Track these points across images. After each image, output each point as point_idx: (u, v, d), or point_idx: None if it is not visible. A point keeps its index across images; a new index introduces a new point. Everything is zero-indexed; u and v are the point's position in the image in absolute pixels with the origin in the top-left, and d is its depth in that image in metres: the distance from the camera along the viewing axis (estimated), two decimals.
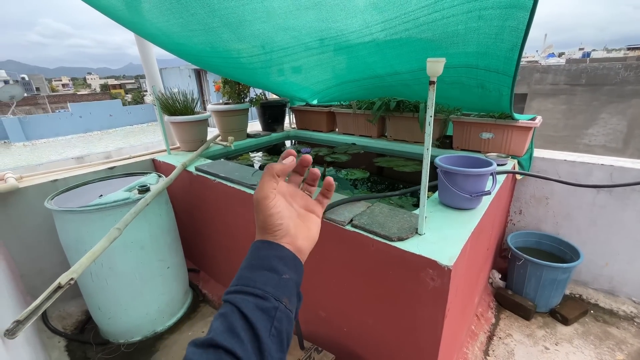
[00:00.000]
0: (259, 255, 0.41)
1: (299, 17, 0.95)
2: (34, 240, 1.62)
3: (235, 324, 0.35)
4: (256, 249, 0.43)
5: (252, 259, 0.41)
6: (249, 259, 0.42)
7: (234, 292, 0.38)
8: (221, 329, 0.34)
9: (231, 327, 0.34)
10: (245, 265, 0.41)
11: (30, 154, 10.52)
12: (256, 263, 0.41)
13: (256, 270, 0.40)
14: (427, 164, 0.85)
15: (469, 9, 0.83)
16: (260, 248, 0.43)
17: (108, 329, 1.54)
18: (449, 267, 0.79)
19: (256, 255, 0.42)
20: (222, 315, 0.36)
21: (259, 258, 0.41)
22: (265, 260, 0.41)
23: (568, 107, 9.31)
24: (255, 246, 0.43)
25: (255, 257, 0.41)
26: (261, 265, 0.40)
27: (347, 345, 1.18)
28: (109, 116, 14.06)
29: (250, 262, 0.41)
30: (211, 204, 1.65)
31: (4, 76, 48.75)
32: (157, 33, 1.34)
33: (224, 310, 0.36)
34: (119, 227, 1.08)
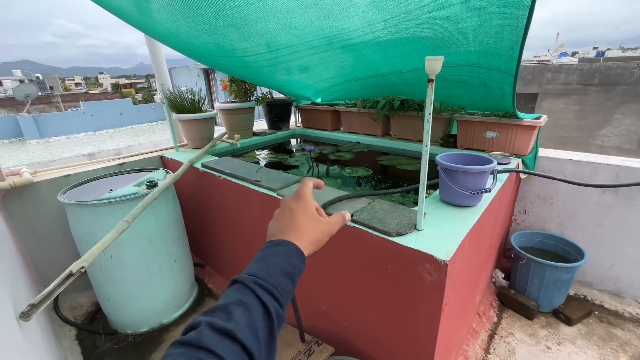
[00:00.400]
0: (290, 262, 0.45)
1: (301, 16, 0.98)
2: (47, 232, 1.68)
3: (257, 324, 0.35)
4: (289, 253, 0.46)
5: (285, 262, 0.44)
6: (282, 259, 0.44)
7: (264, 288, 0.39)
8: (243, 323, 0.34)
9: (253, 324, 0.35)
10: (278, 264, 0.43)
11: (44, 151, 10.80)
12: (286, 269, 0.44)
13: (284, 275, 0.43)
14: (426, 161, 0.87)
15: (469, 7, 0.85)
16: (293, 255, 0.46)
17: (116, 319, 1.59)
18: (445, 261, 0.81)
19: (288, 260, 0.45)
20: (245, 307, 0.36)
21: (290, 265, 0.44)
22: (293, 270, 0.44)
23: (580, 108, 9.13)
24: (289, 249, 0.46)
25: (287, 262, 0.44)
26: (288, 273, 0.43)
27: (347, 338, 1.20)
28: (120, 115, 14.32)
29: (282, 265, 0.44)
30: (217, 199, 1.68)
31: (20, 75, 50.01)
32: (166, 33, 1.38)
33: (247, 300, 0.37)
34: (127, 220, 1.12)
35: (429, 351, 0.94)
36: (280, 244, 0.47)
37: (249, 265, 0.44)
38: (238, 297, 0.37)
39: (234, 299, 0.36)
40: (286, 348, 1.21)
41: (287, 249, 0.46)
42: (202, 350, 0.30)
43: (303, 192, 0.55)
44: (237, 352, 0.32)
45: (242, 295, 0.37)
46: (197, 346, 0.31)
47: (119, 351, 1.52)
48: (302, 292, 1.28)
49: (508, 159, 1.52)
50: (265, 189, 1.32)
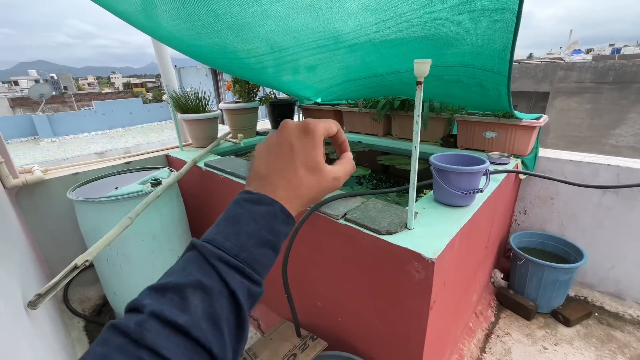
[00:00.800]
0: (272, 228, 0.34)
1: (297, 20, 1.01)
2: (57, 227, 1.75)
3: (220, 314, 0.28)
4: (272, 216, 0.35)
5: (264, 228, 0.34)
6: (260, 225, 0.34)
7: (232, 266, 0.31)
8: (201, 315, 0.27)
9: (214, 314, 0.28)
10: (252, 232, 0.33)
11: (57, 150, 11.08)
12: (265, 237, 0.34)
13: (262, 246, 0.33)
14: (416, 161, 0.89)
15: (458, 11, 0.86)
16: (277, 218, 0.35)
17: (122, 312, 1.64)
18: (432, 260, 0.83)
19: (270, 225, 0.34)
20: (206, 292, 0.28)
21: (271, 231, 0.34)
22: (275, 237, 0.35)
23: (594, 106, 8.92)
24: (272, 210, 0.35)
25: (268, 229, 0.34)
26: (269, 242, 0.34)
27: (342, 334, 1.23)
28: (130, 114, 14.60)
29: (259, 233, 0.34)
30: (219, 198, 1.73)
31: (35, 75, 51.35)
32: (169, 36, 1.43)
33: (209, 282, 0.29)
34: (131, 217, 1.17)
35: (418, 347, 0.96)
36: (261, 202, 0.35)
37: (216, 224, 0.34)
38: (197, 277, 0.29)
39: (192, 279, 0.29)
40: (283, 342, 1.25)
41: (269, 210, 0.35)
42: (144, 350, 0.24)
43: (315, 127, 0.38)
44: (190, 349, 0.26)
45: (202, 275, 0.29)
46: (137, 343, 0.25)
47: None
48: (299, 288, 1.31)
49: (507, 159, 1.52)
50: None
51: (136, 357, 0.24)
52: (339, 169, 0.42)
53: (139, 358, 0.24)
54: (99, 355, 0.24)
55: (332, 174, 0.40)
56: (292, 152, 0.38)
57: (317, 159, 0.38)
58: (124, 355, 0.24)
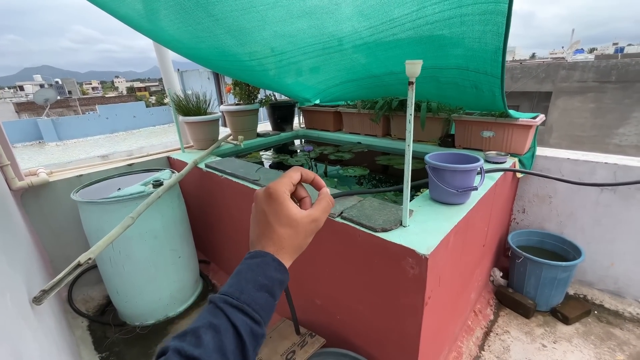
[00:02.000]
0: (266, 274, 0.41)
1: (293, 25, 1.03)
2: (61, 228, 1.79)
3: (227, 346, 0.34)
4: (265, 265, 0.42)
5: (259, 274, 0.41)
6: (256, 272, 0.41)
7: (234, 306, 0.37)
8: (212, 348, 0.33)
9: (223, 348, 0.34)
10: (250, 278, 0.40)
11: (62, 153, 11.19)
12: (261, 282, 0.40)
13: (259, 290, 0.40)
14: (409, 160, 0.91)
15: (450, 15, 0.88)
16: (270, 266, 0.42)
17: (125, 311, 1.68)
18: (426, 255, 0.84)
19: (264, 272, 0.41)
20: (215, 330, 0.34)
21: (265, 277, 0.41)
22: (270, 282, 0.41)
23: (597, 106, 8.87)
24: (264, 260, 0.42)
25: (263, 275, 0.41)
26: (264, 286, 0.40)
27: (340, 331, 1.24)
28: (133, 117, 14.72)
29: (256, 278, 0.40)
30: (219, 199, 1.75)
31: (40, 80, 51.96)
32: (170, 39, 1.46)
33: (217, 322, 0.35)
34: (133, 216, 1.20)
35: (414, 343, 0.97)
36: (256, 256, 0.43)
37: (226, 284, 0.41)
38: (208, 319, 0.36)
39: (204, 321, 0.35)
40: (282, 340, 1.27)
41: (262, 260, 0.42)
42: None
43: (275, 190, 0.45)
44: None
45: (213, 317, 0.36)
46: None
47: (127, 342, 1.61)
48: (298, 286, 1.33)
49: (503, 157, 1.54)
50: None
51: None
52: (315, 211, 0.47)
53: None
54: None
55: (310, 218, 0.46)
56: (266, 217, 0.45)
57: (287, 213, 0.45)
58: None
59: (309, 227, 0.46)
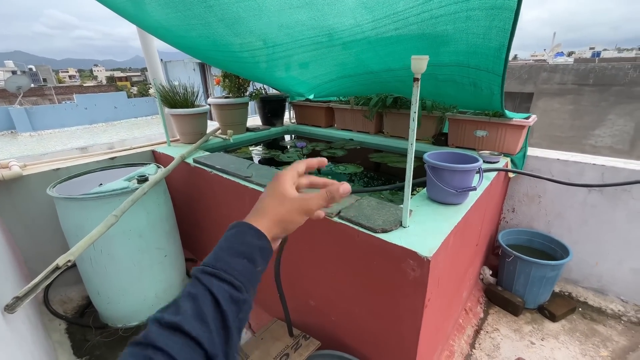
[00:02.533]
0: (243, 241, 0.42)
1: (291, 15, 0.98)
2: (36, 226, 1.67)
3: (206, 312, 0.34)
4: (242, 233, 0.43)
5: (236, 242, 0.41)
6: (232, 241, 0.42)
7: (210, 274, 0.38)
8: (190, 314, 0.33)
9: (201, 314, 0.34)
10: (226, 247, 0.41)
11: (36, 144, 10.64)
12: (238, 249, 0.41)
13: (236, 256, 0.40)
14: (411, 159, 0.88)
15: (456, 9, 0.85)
16: (247, 233, 0.43)
17: (107, 313, 1.60)
18: (428, 258, 0.82)
19: (241, 240, 0.42)
20: (193, 298, 0.35)
21: (242, 244, 0.41)
22: (248, 249, 0.41)
23: (575, 108, 9.20)
24: (241, 229, 0.43)
25: (239, 242, 0.42)
26: (242, 253, 0.41)
27: (335, 333, 1.22)
28: (114, 108, 14.15)
29: (232, 245, 0.41)
30: (208, 195, 1.69)
31: (12, 67, 49.17)
32: (157, 26, 1.37)
33: (195, 290, 0.36)
34: (116, 214, 1.12)
35: (412, 346, 0.96)
36: (233, 227, 0.44)
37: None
38: (187, 289, 0.37)
39: (184, 292, 0.36)
40: (274, 342, 1.23)
41: (239, 230, 0.43)
42: (150, 348, 0.30)
43: (280, 173, 0.49)
44: (185, 344, 0.32)
45: (191, 287, 0.37)
46: (143, 344, 0.31)
47: (109, 345, 1.53)
48: (292, 287, 1.29)
49: (497, 157, 1.54)
50: (256, 185, 1.33)
51: (143, 356, 0.30)
52: (308, 196, 0.48)
53: (145, 356, 0.30)
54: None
55: (300, 197, 0.48)
56: (265, 193, 0.49)
57: (281, 189, 0.48)
58: (135, 357, 0.30)
59: (296, 203, 0.47)
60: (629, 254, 1.58)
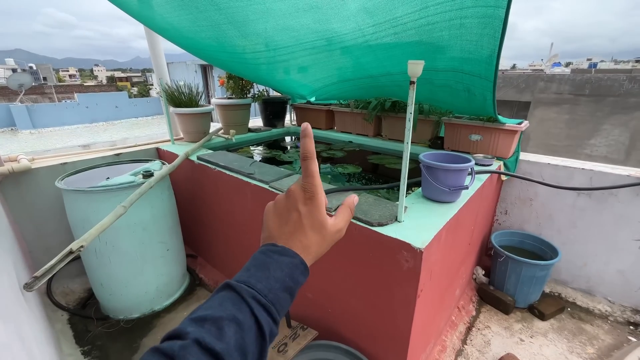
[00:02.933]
0: (292, 276, 0.39)
1: (297, 19, 1.04)
2: (43, 218, 1.72)
3: (248, 346, 0.32)
4: (294, 267, 0.40)
5: (287, 276, 0.39)
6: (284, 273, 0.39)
7: (262, 304, 0.35)
8: (234, 345, 0.31)
9: (244, 347, 0.32)
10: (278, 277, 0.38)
11: (37, 142, 10.66)
12: (288, 284, 0.39)
13: (285, 291, 0.38)
14: (407, 157, 0.94)
15: (451, 17, 0.92)
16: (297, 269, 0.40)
17: (109, 305, 1.64)
18: (421, 249, 0.88)
19: (291, 274, 0.39)
20: (239, 325, 0.32)
21: (292, 279, 0.39)
22: (294, 286, 0.40)
23: (571, 117, 9.34)
24: (294, 262, 0.41)
25: (290, 277, 0.39)
26: (289, 289, 0.39)
27: (332, 324, 1.26)
28: (115, 108, 14.21)
29: (284, 279, 0.39)
30: (211, 192, 1.74)
31: (13, 64, 49.21)
32: (167, 27, 1.43)
33: (242, 317, 0.33)
34: (125, 205, 1.17)
35: (405, 334, 1.01)
36: (286, 254, 0.41)
37: (247, 270, 0.39)
38: (232, 311, 0.33)
39: (227, 312, 0.33)
40: None
41: (292, 261, 0.40)
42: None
43: (317, 194, 0.44)
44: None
45: (237, 310, 0.34)
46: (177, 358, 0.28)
47: (110, 335, 1.57)
48: None
49: (490, 160, 1.60)
50: (258, 182, 1.38)
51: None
52: (339, 221, 0.47)
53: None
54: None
55: (335, 227, 0.46)
56: (300, 217, 0.43)
57: (321, 219, 0.44)
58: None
59: (333, 237, 0.46)
60: (616, 255, 1.64)
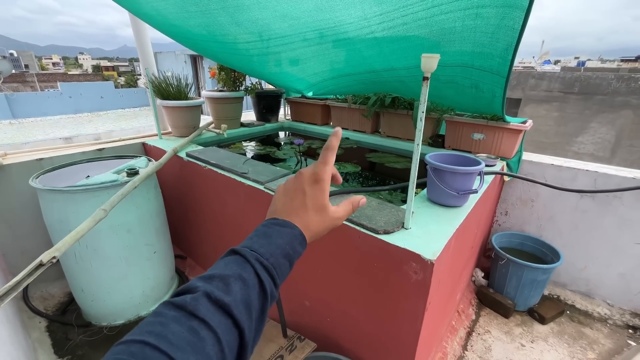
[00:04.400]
0: (292, 245, 0.44)
1: (297, 5, 0.95)
2: (17, 219, 1.59)
3: (252, 301, 0.36)
4: (293, 237, 0.45)
5: (286, 244, 0.43)
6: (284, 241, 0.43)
7: (264, 265, 0.39)
8: (240, 299, 0.34)
9: (249, 301, 0.35)
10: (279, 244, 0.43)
11: (17, 133, 10.21)
12: (288, 251, 0.43)
13: (284, 257, 0.42)
14: (417, 160, 0.86)
15: (467, 5, 0.84)
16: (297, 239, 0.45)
17: (90, 311, 1.53)
18: (432, 261, 0.81)
19: (290, 243, 0.44)
20: (244, 282, 0.36)
21: (291, 248, 0.44)
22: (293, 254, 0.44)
23: (560, 115, 9.47)
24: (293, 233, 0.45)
25: (289, 245, 0.44)
26: (288, 256, 0.43)
27: (330, 335, 1.20)
28: (100, 98, 13.74)
29: (283, 246, 0.43)
30: (201, 190, 1.64)
31: None
32: (153, 13, 1.31)
33: (246, 275, 0.37)
34: (105, 209, 1.07)
35: (411, 349, 0.94)
36: (286, 225, 0.46)
37: (250, 239, 0.43)
38: (238, 270, 0.37)
39: (233, 271, 0.36)
40: (268, 343, 1.20)
41: (292, 232, 0.45)
42: (196, 320, 0.30)
43: (323, 178, 0.50)
44: (229, 326, 0.32)
45: (242, 270, 0.37)
46: (192, 314, 0.30)
47: (92, 344, 1.47)
48: (286, 287, 1.26)
49: (494, 161, 1.55)
50: (252, 182, 1.29)
51: (188, 327, 0.29)
52: (340, 210, 0.53)
53: (191, 327, 0.29)
54: (156, 323, 0.29)
55: (335, 214, 0.52)
56: (304, 197, 0.49)
57: (324, 202, 0.50)
58: (179, 324, 0.29)
59: (332, 222, 0.51)
60: (617, 259, 1.61)
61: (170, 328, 0.29)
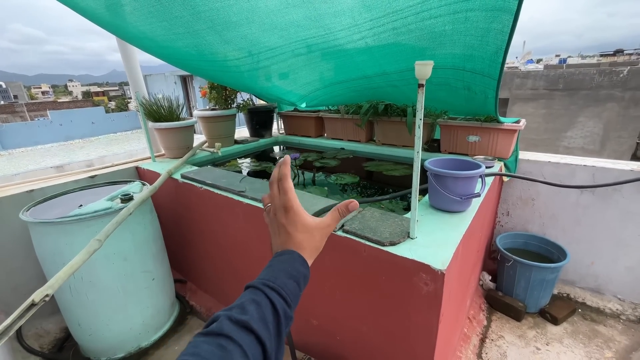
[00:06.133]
0: (294, 267, 0.49)
1: (286, 15, 0.94)
2: (7, 254, 1.53)
3: (267, 317, 0.40)
4: (293, 260, 0.50)
5: (289, 267, 0.49)
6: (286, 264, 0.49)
7: (271, 287, 0.44)
8: (256, 317, 0.39)
9: (264, 318, 0.39)
10: (281, 268, 0.48)
11: (7, 164, 10.08)
12: (291, 272, 0.48)
13: (289, 278, 0.47)
14: (418, 167, 0.85)
15: (455, 9, 0.84)
16: (297, 261, 0.50)
17: (89, 346, 1.46)
18: (442, 271, 0.78)
19: (292, 265, 0.49)
20: (257, 304, 0.41)
21: (293, 269, 0.49)
22: (297, 274, 0.48)
23: (548, 111, 9.64)
24: (292, 256, 0.51)
25: (291, 267, 0.49)
26: (293, 276, 0.48)
27: (341, 354, 1.15)
28: (92, 124, 13.69)
29: (286, 268, 0.48)
30: (198, 212, 1.60)
31: None
32: (141, 37, 1.30)
33: (258, 298, 0.42)
34: (100, 239, 1.03)
35: None
36: (283, 254, 0.51)
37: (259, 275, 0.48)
38: (251, 296, 0.42)
39: (247, 298, 0.42)
40: None
41: (290, 256, 0.51)
42: (223, 337, 0.35)
43: (291, 204, 0.53)
44: (252, 341, 0.37)
45: (254, 295, 0.42)
46: (215, 334, 0.35)
47: None
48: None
49: (492, 162, 1.54)
50: (250, 200, 1.26)
51: (217, 344, 0.34)
52: (327, 219, 0.57)
53: (219, 344, 0.34)
54: (190, 347, 0.34)
55: (321, 224, 0.56)
56: (285, 228, 0.54)
57: (303, 222, 0.54)
58: (208, 344, 0.34)
59: (320, 232, 0.56)
60: (623, 252, 1.60)
61: (202, 347, 0.34)
